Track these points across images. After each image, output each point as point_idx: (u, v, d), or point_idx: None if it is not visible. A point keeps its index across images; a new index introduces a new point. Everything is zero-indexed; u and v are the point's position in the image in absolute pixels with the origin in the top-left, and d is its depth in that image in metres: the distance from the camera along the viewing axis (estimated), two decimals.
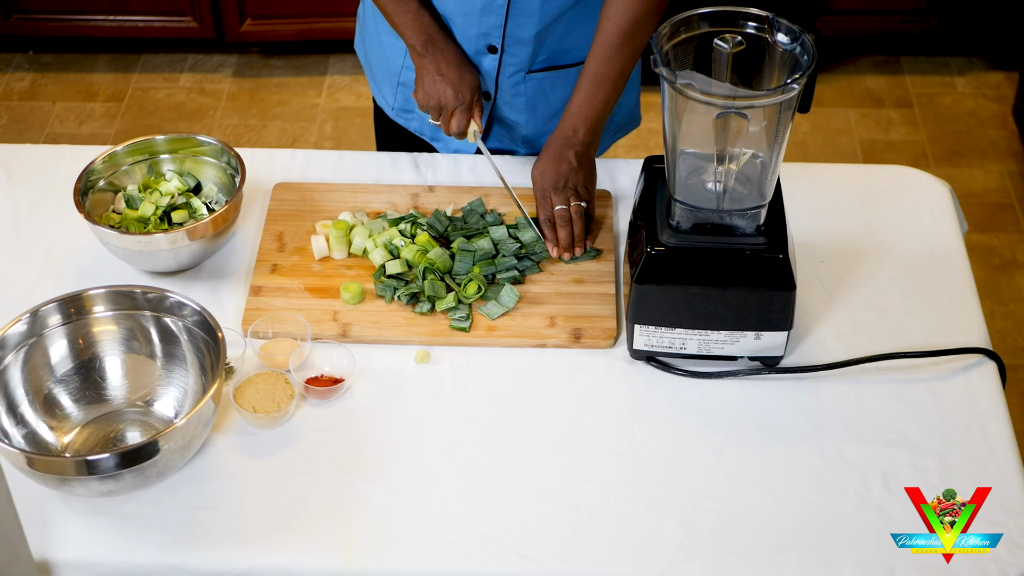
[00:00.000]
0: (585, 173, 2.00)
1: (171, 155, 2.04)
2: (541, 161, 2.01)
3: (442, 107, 2.03)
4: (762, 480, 1.70)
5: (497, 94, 2.12)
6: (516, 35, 2.03)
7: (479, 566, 1.61)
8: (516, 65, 2.08)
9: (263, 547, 1.62)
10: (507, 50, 2.05)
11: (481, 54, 2.06)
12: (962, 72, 3.94)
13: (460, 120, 2.03)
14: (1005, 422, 1.77)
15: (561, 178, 1.98)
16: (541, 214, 1.98)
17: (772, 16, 1.67)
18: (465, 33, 2.04)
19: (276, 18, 3.84)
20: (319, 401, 1.79)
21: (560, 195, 1.97)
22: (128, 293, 1.78)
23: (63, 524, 1.65)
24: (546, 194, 1.98)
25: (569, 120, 2.01)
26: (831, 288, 1.94)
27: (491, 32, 2.03)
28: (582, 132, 2.00)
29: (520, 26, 2.02)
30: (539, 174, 2.00)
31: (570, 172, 1.98)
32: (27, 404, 1.73)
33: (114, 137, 3.72)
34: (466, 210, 2.03)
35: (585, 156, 2.00)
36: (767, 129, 1.69)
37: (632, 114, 2.27)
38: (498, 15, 2.00)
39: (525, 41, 2.04)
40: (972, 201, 3.47)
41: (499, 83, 2.10)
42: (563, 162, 1.99)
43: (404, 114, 2.22)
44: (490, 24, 2.02)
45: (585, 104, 2.00)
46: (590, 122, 2.00)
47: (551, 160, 2.00)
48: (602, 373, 1.83)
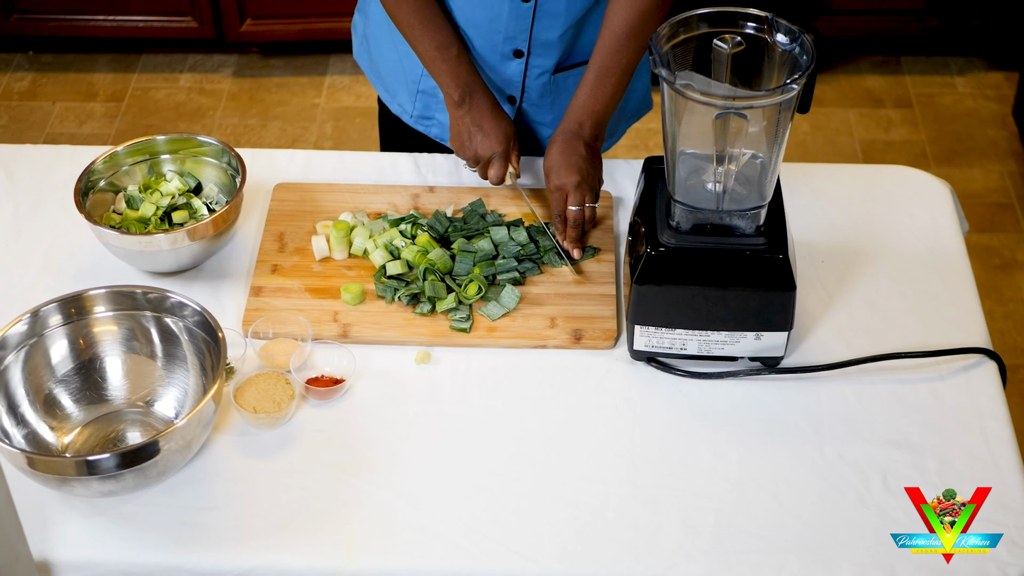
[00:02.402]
0: (596, 168, 1.99)
1: (171, 155, 2.04)
2: (552, 155, 1.98)
3: (479, 158, 2.02)
4: (762, 480, 1.70)
5: (523, 98, 2.11)
6: (542, 38, 2.02)
7: (479, 566, 1.61)
8: (542, 67, 2.07)
9: (263, 547, 1.62)
10: (533, 53, 2.04)
11: (507, 59, 2.05)
12: (962, 72, 3.94)
13: (499, 169, 2.02)
14: (1005, 422, 1.77)
15: (577, 173, 1.95)
16: (555, 208, 1.96)
17: (771, 16, 1.67)
18: (490, 39, 2.03)
19: (276, 18, 3.84)
20: (319, 401, 1.79)
21: (577, 193, 1.95)
22: (128, 293, 1.78)
23: (63, 524, 1.65)
24: (563, 190, 1.95)
25: (574, 114, 2.00)
26: (831, 288, 1.94)
27: (517, 36, 2.02)
28: (588, 126, 1.99)
29: (546, 28, 2.01)
30: (553, 168, 1.97)
31: (583, 165, 1.96)
32: (27, 404, 1.73)
33: (114, 137, 3.72)
34: (466, 211, 2.03)
35: (593, 149, 2.00)
36: (767, 129, 1.69)
37: (645, 99, 2.26)
38: (525, 19, 1.99)
39: (551, 43, 2.03)
40: (972, 201, 3.47)
41: (525, 87, 2.10)
42: (575, 155, 1.97)
43: (424, 121, 2.21)
44: (517, 28, 2.01)
45: (591, 98, 1.99)
46: (596, 116, 1.99)
47: (562, 153, 1.97)
48: (602, 374, 1.83)
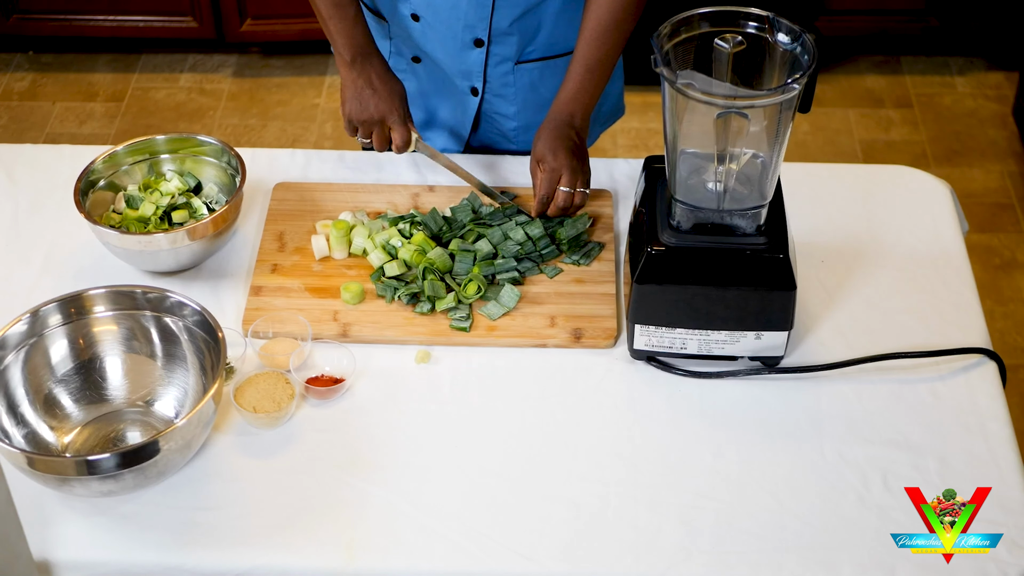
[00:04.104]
0: (587, 159, 2.00)
1: (171, 155, 2.04)
2: (544, 139, 1.97)
3: (375, 122, 2.01)
4: (762, 480, 1.69)
5: (485, 87, 2.12)
6: (502, 27, 2.03)
7: (479, 566, 1.61)
8: (503, 55, 2.07)
9: (263, 547, 1.62)
10: (494, 41, 2.05)
11: (467, 48, 2.06)
12: (962, 72, 3.94)
13: (401, 131, 2.01)
14: (1005, 422, 1.77)
15: (571, 154, 1.95)
16: (543, 188, 1.95)
17: (772, 16, 1.67)
18: (451, 27, 2.03)
19: (276, 18, 3.84)
20: (319, 401, 1.79)
21: (570, 175, 1.95)
22: (128, 293, 1.78)
23: (63, 524, 1.65)
24: (557, 172, 1.95)
25: (565, 106, 1.99)
26: (831, 288, 1.94)
27: (477, 25, 2.02)
28: (579, 117, 2.00)
29: (504, 18, 2.02)
30: (549, 151, 1.96)
31: (576, 149, 1.97)
32: (27, 404, 1.73)
33: (114, 137, 3.72)
34: (455, 208, 2.02)
35: (583, 140, 2.00)
36: (767, 129, 1.69)
37: (618, 104, 2.28)
38: (484, 7, 2.00)
39: (510, 31, 2.04)
40: (972, 201, 3.47)
41: (487, 76, 2.10)
42: (568, 139, 1.97)
43: None
44: (476, 16, 2.01)
45: (580, 90, 1.99)
46: (585, 108, 2.00)
47: (558, 138, 1.96)
48: (602, 373, 1.83)
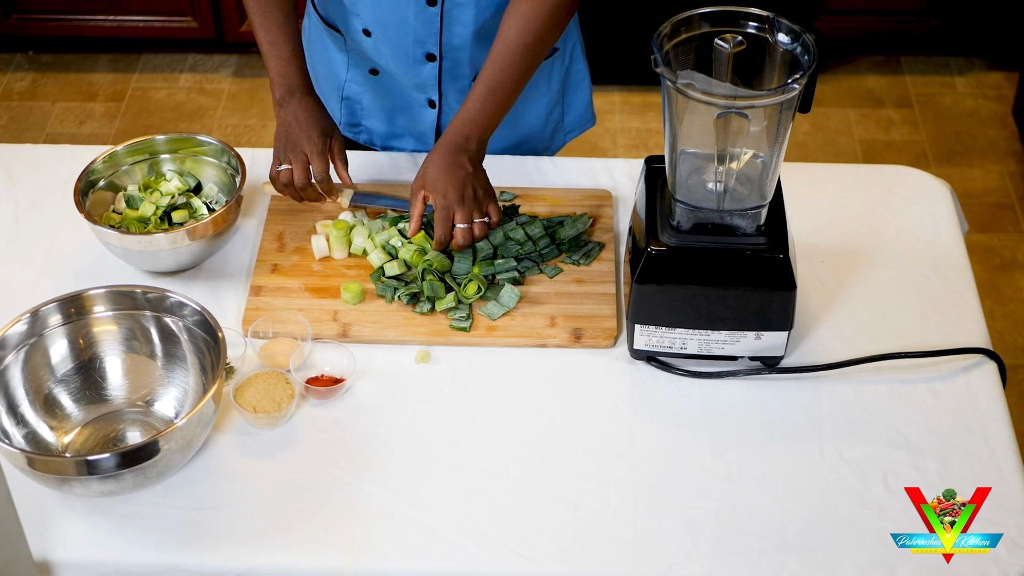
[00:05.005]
0: (483, 180, 1.93)
1: (171, 155, 2.04)
2: (433, 169, 1.90)
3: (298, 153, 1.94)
4: (762, 480, 1.69)
5: (442, 102, 2.11)
6: (454, 43, 2.01)
7: (479, 566, 1.61)
8: (457, 72, 2.06)
9: (263, 547, 1.62)
10: (446, 56, 2.03)
11: (420, 63, 2.04)
12: (962, 72, 3.94)
13: (319, 164, 1.93)
14: (1005, 422, 1.77)
15: (461, 187, 1.88)
16: (439, 229, 1.89)
17: (773, 16, 1.67)
18: (401, 42, 2.01)
19: None
20: (319, 401, 1.79)
21: (464, 209, 1.88)
22: (128, 293, 1.78)
23: (63, 524, 1.65)
24: (449, 210, 1.88)
25: (462, 127, 1.92)
26: (831, 288, 1.94)
27: (427, 40, 2.00)
28: (475, 140, 1.92)
29: (456, 35, 2.00)
30: (435, 184, 1.89)
31: (467, 179, 1.89)
32: (27, 404, 1.73)
33: (114, 137, 3.72)
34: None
35: (479, 163, 1.93)
36: (768, 129, 1.69)
37: (586, 114, 2.25)
38: (433, 23, 1.97)
39: (463, 47, 2.02)
40: (972, 201, 3.47)
41: (443, 90, 2.09)
42: (459, 168, 1.89)
43: (352, 128, 2.22)
44: (425, 32, 1.99)
45: (479, 112, 1.93)
46: (482, 130, 1.93)
47: (445, 167, 1.89)
48: (602, 373, 1.83)
